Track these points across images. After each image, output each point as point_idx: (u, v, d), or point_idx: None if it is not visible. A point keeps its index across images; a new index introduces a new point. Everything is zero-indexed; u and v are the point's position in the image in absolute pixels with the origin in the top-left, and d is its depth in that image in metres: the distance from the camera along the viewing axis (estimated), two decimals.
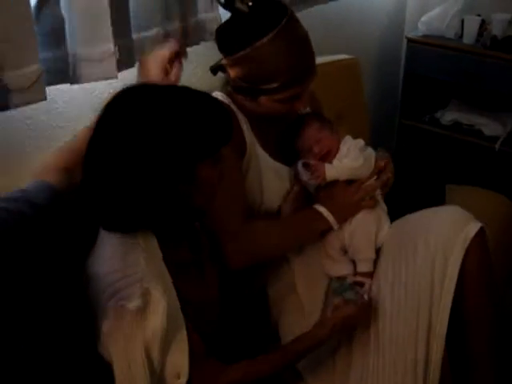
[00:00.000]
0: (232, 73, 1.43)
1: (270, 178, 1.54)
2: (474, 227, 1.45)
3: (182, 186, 1.04)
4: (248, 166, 1.51)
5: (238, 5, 1.36)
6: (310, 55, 1.44)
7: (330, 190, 1.55)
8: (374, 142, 2.37)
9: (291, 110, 1.47)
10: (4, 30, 1.19)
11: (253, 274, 1.57)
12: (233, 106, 1.51)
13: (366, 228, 1.54)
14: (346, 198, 1.52)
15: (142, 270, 0.98)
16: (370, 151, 1.59)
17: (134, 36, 1.47)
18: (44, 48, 1.33)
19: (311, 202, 1.56)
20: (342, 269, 1.56)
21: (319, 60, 2.16)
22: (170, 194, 1.03)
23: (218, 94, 1.54)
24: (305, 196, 1.60)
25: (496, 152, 2.58)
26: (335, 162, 1.54)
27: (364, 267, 1.53)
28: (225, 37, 1.42)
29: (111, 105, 1.06)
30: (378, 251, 1.56)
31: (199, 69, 1.82)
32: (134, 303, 0.94)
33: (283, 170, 1.58)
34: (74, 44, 1.33)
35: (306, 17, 2.20)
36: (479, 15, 2.57)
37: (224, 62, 1.42)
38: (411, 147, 2.84)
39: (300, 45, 1.40)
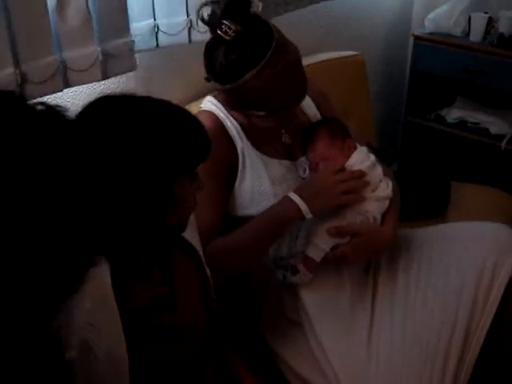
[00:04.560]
0: (221, 95, 1.44)
1: (278, 178, 1.52)
2: None
3: (157, 203, 1.00)
4: (244, 173, 1.50)
5: (220, 33, 1.31)
6: (298, 82, 1.39)
7: (314, 174, 1.51)
8: (379, 139, 2.37)
9: (283, 124, 1.47)
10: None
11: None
12: (222, 114, 1.51)
13: (337, 221, 1.47)
14: (328, 186, 1.45)
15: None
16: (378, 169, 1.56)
17: None
18: None
19: None
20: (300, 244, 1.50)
21: (325, 56, 2.19)
22: (144, 210, 0.99)
23: (209, 100, 1.54)
24: None
25: (502, 150, 2.56)
26: None
27: (311, 251, 1.45)
28: (210, 61, 1.38)
29: (86, 113, 1.00)
30: (410, 253, 1.55)
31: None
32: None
33: (288, 165, 1.56)
34: None
35: (313, 13, 2.21)
36: (486, 13, 2.55)
37: (212, 82, 1.40)
38: (416, 144, 2.83)
39: (285, 75, 1.34)
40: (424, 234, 1.62)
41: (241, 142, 1.51)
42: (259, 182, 1.50)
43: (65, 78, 1.37)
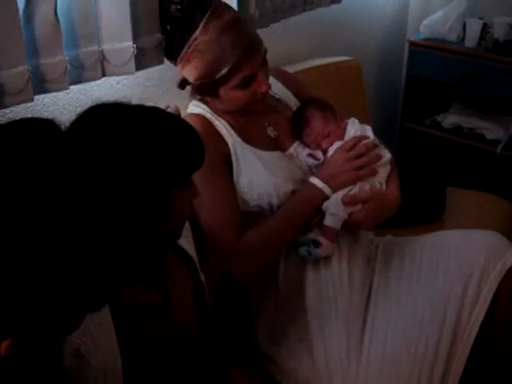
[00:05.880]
0: (187, 76, 1.48)
1: (273, 168, 1.53)
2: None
3: (153, 212, 0.99)
4: (239, 167, 1.51)
5: (172, 11, 1.42)
6: (248, 34, 1.45)
7: (331, 156, 1.56)
8: None
9: (256, 95, 1.49)
10: None
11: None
12: (209, 115, 1.53)
13: (348, 189, 1.52)
14: (343, 164, 1.51)
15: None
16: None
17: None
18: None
19: None
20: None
21: (321, 62, 2.19)
22: (140, 221, 0.98)
23: (194, 104, 1.57)
24: None
25: (497, 156, 2.57)
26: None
27: (330, 221, 1.49)
28: (168, 47, 1.48)
29: (79, 123, 0.98)
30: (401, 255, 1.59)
31: None
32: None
33: (279, 156, 1.57)
34: None
35: (309, 19, 2.22)
36: (481, 18, 2.56)
37: (178, 70, 1.46)
38: (412, 150, 2.83)
39: (233, 27, 1.42)
40: (416, 241, 1.65)
41: (231, 139, 1.53)
42: (255, 174, 1.51)
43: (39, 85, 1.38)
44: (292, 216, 1.50)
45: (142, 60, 1.56)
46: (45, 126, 0.76)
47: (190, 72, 1.46)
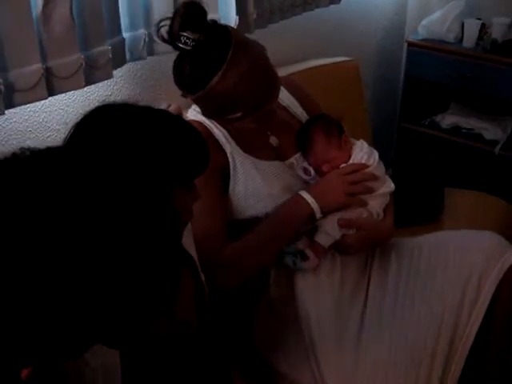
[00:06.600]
0: (198, 106, 1.46)
1: (270, 178, 1.53)
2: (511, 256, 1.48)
3: (156, 213, 0.98)
4: (236, 177, 1.50)
5: (180, 45, 1.33)
6: (267, 74, 1.39)
7: (326, 175, 1.54)
8: (373, 145, 2.37)
9: (267, 121, 1.47)
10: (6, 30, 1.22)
11: None
12: (208, 122, 1.51)
13: (346, 213, 1.51)
14: (335, 183, 1.51)
15: None
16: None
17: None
18: None
19: None
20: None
21: (319, 62, 2.19)
22: (145, 223, 0.97)
23: (194, 109, 1.55)
24: None
25: (496, 156, 2.57)
26: None
27: (322, 239, 1.49)
28: (179, 75, 1.40)
29: (83, 124, 0.98)
30: (400, 256, 1.59)
31: None
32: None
33: (279, 166, 1.56)
34: None
35: (308, 20, 2.22)
36: (479, 19, 2.57)
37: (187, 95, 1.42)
38: (411, 150, 2.83)
39: (253, 71, 1.35)
40: (415, 242, 1.65)
41: (230, 147, 1.51)
42: (252, 184, 1.50)
43: (49, 85, 1.37)
44: (275, 230, 1.49)
45: (132, 53, 1.58)
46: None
47: (202, 106, 1.44)
